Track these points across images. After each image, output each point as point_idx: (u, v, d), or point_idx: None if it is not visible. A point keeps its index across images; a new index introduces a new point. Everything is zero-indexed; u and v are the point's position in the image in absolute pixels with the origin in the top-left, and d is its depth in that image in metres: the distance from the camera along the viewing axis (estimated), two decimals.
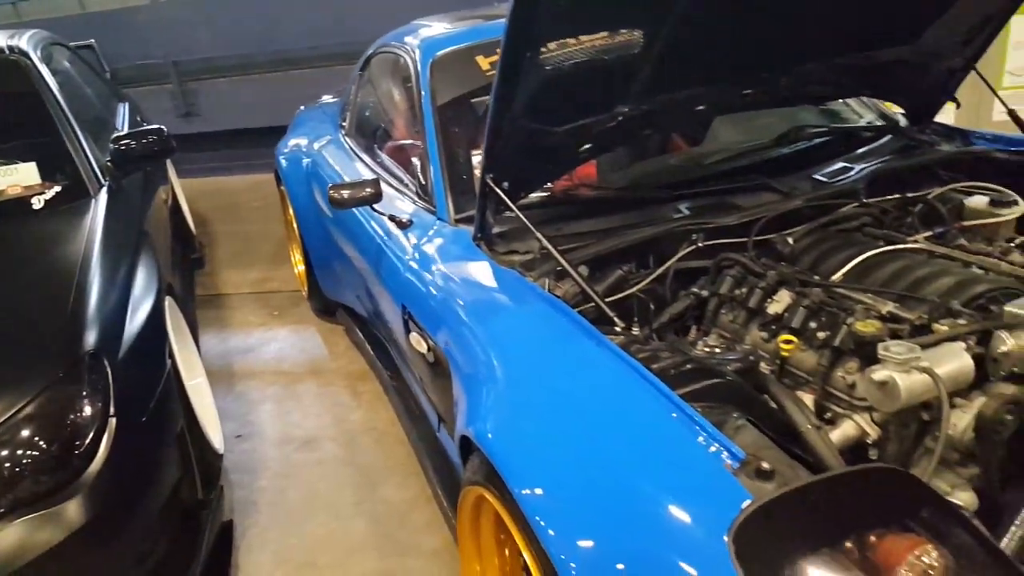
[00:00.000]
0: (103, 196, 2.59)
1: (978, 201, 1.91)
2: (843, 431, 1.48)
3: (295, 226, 3.41)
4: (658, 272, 1.84)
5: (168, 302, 2.48)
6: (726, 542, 1.04)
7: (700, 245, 1.87)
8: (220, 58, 5.91)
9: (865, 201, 1.95)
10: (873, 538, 1.05)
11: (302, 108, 4.03)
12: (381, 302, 2.33)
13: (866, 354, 1.43)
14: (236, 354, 3.42)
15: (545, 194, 2.01)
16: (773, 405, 1.47)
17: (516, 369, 1.50)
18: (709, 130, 2.46)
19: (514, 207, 1.74)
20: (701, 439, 1.19)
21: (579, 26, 1.56)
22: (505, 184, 1.76)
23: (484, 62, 2.33)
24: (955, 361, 1.36)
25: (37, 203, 2.53)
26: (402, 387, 2.58)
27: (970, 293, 1.50)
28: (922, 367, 1.31)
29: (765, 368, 1.63)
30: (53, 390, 1.78)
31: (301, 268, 3.58)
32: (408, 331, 1.99)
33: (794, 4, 1.79)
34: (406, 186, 2.35)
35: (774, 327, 1.65)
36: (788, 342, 1.55)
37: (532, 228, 1.72)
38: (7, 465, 1.68)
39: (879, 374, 1.35)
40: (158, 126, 2.92)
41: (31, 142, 2.74)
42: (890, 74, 2.13)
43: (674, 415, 1.24)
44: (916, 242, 1.78)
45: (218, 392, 3.07)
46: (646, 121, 1.91)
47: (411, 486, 2.42)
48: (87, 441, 1.77)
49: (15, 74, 2.91)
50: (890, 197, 1.98)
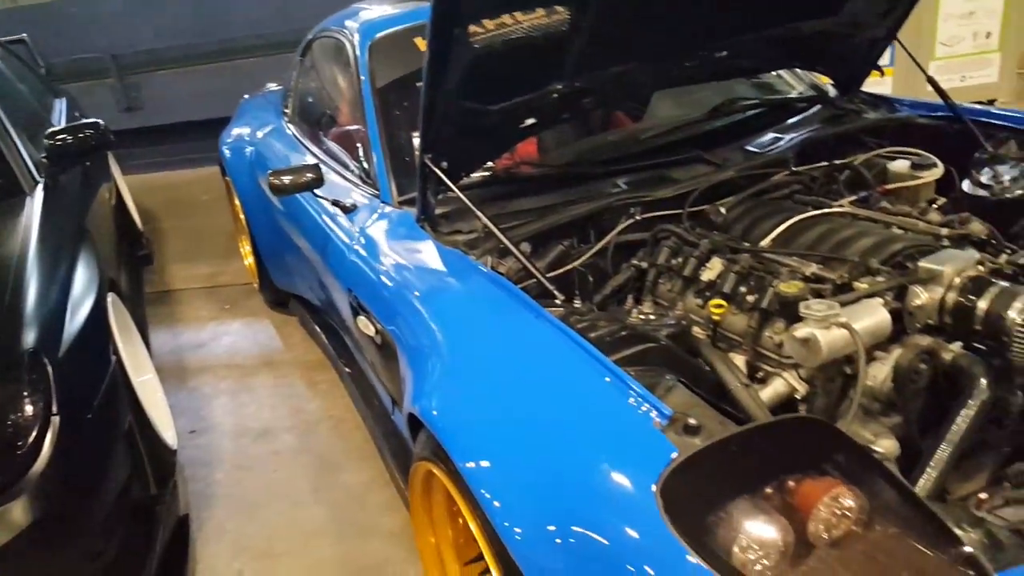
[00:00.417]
0: (39, 193, 2.54)
1: (900, 165, 1.99)
2: (774, 388, 1.55)
3: (242, 217, 3.38)
4: (599, 246, 1.89)
5: (111, 299, 2.45)
6: (654, 494, 1.09)
7: (638, 218, 1.92)
8: (162, 50, 5.79)
9: (794, 169, 2.02)
10: (792, 483, 1.10)
11: (246, 97, 3.98)
12: (330, 289, 2.34)
13: (791, 314, 1.49)
14: (188, 350, 3.38)
15: (487, 173, 2.04)
16: (705, 367, 1.53)
17: (458, 346, 1.53)
18: (649, 106, 2.51)
19: (454, 187, 1.76)
20: (632, 400, 1.24)
21: (504, 3, 1.58)
22: (444, 164, 1.78)
23: (423, 44, 2.33)
24: (873, 316, 1.43)
25: None
26: (357, 373, 2.59)
27: (888, 252, 1.57)
28: (840, 323, 1.38)
29: (700, 332, 1.69)
30: None
31: (251, 260, 3.55)
32: (356, 315, 2.00)
33: None
34: (350, 170, 2.35)
35: (708, 293, 1.71)
36: (719, 306, 1.61)
37: (472, 207, 1.75)
38: None
39: (801, 331, 1.41)
40: (94, 120, 2.87)
41: None
42: (816, 45, 2.20)
43: (607, 380, 1.29)
44: (841, 206, 1.85)
45: (170, 388, 3.04)
46: (582, 98, 1.94)
47: (369, 470, 2.44)
48: (30, 440, 1.75)
49: None
50: (818, 165, 2.05)
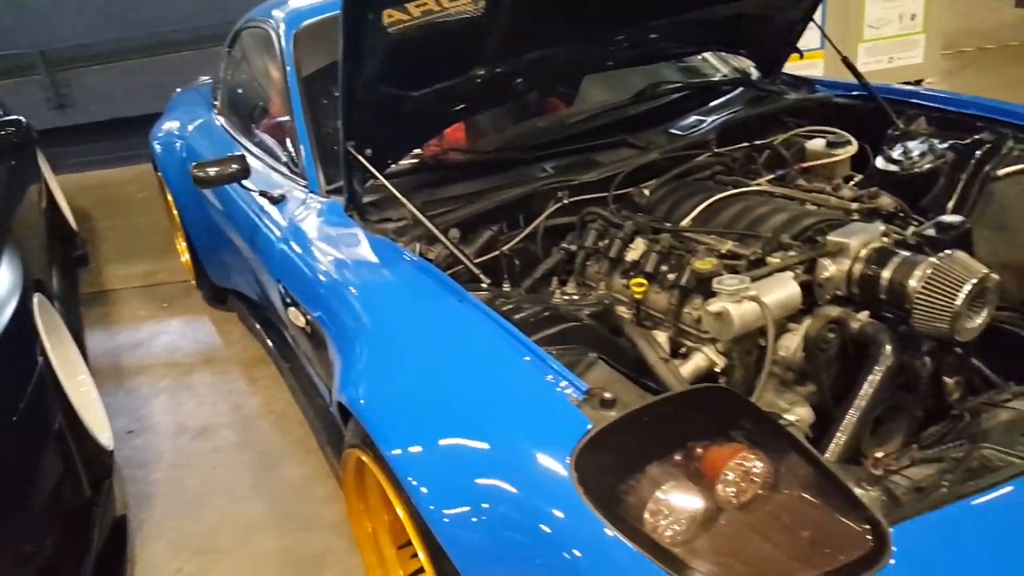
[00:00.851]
0: None
1: (817, 144, 2.05)
2: (695, 363, 1.60)
3: (176, 213, 3.32)
4: (527, 231, 1.91)
5: (38, 300, 2.39)
6: (569, 466, 1.12)
7: (566, 202, 1.94)
8: (92, 45, 5.61)
9: (716, 151, 2.07)
10: (699, 450, 1.14)
11: (178, 91, 3.91)
12: (263, 282, 2.32)
13: (707, 290, 1.54)
14: (125, 350, 3.31)
15: (415, 160, 2.04)
16: (628, 344, 1.57)
17: (383, 334, 1.53)
18: (580, 91, 2.54)
19: (378, 175, 1.76)
20: (550, 378, 1.26)
21: None
22: (368, 151, 1.78)
23: None
24: (783, 289, 1.48)
25: None
26: (297, 367, 2.57)
27: (799, 227, 1.63)
28: (751, 296, 1.42)
29: (626, 311, 1.73)
30: None
31: (187, 257, 3.49)
32: (287, 306, 1.99)
33: None
34: (280, 161, 2.33)
35: (632, 273, 1.74)
36: (640, 285, 1.64)
37: (398, 194, 1.75)
38: None
39: (714, 306, 1.45)
40: (16, 117, 2.79)
41: None
42: (735, 28, 2.25)
43: (527, 359, 1.31)
44: (759, 185, 1.90)
45: (108, 389, 2.98)
46: (508, 83, 1.95)
47: (310, 463, 2.43)
48: None
49: None
50: (739, 146, 2.10)
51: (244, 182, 2.14)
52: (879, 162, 1.98)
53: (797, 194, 1.85)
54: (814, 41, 4.68)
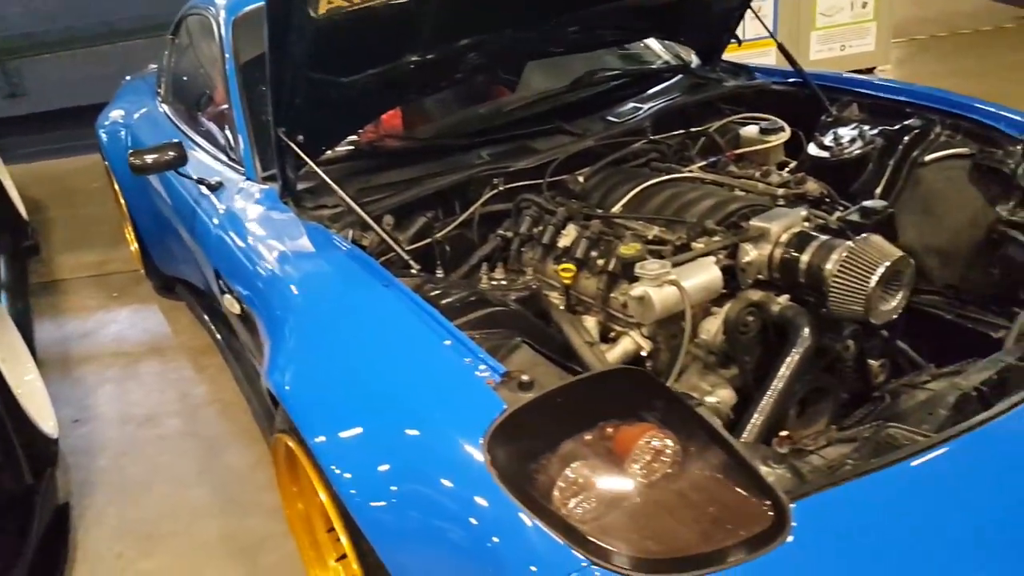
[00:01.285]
0: None
1: (750, 131, 2.08)
2: (623, 347, 1.62)
3: (123, 202, 3.27)
4: (463, 217, 1.92)
5: None
6: (481, 447, 1.13)
7: (501, 189, 1.95)
8: (42, 33, 5.47)
9: (652, 138, 2.09)
10: (610, 429, 1.16)
11: (127, 79, 3.85)
12: (203, 269, 2.30)
13: (632, 275, 1.56)
14: (73, 339, 3.27)
15: (351, 147, 2.04)
16: (555, 328, 1.59)
17: (310, 320, 1.54)
18: (522, 79, 2.54)
19: (309, 161, 1.75)
20: (468, 361, 1.27)
21: None
22: (300, 138, 1.77)
23: None
24: (704, 273, 1.51)
25: None
26: (242, 354, 2.56)
27: (724, 212, 1.66)
28: (671, 280, 1.45)
29: (558, 297, 1.75)
30: None
31: (136, 246, 3.44)
32: (223, 293, 1.98)
33: None
34: (219, 148, 2.31)
35: (564, 259, 1.76)
36: (567, 270, 1.66)
37: (328, 180, 1.75)
38: None
39: (636, 290, 1.48)
40: None
41: None
42: (675, 15, 2.26)
43: (447, 343, 1.32)
44: (691, 172, 1.93)
45: (55, 378, 2.95)
46: (444, 70, 1.95)
47: (254, 451, 2.42)
48: None
49: None
50: (675, 133, 2.13)
51: (181, 169, 2.12)
52: (811, 148, 2.02)
53: (727, 180, 1.87)
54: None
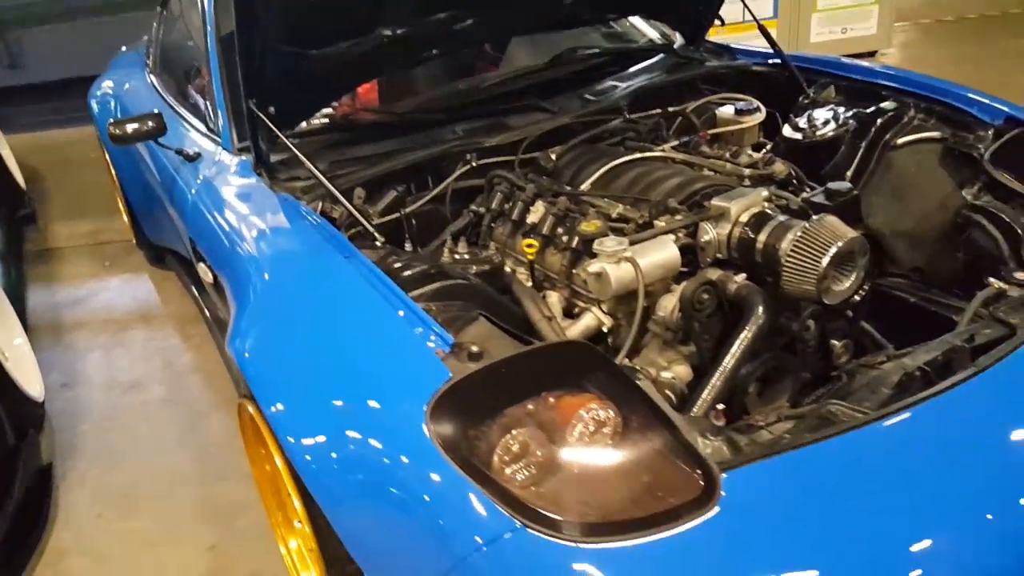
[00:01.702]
0: None
1: (726, 111, 2.08)
2: (585, 323, 1.64)
3: (113, 172, 3.30)
4: (435, 192, 1.93)
5: None
6: (424, 415, 1.16)
7: (474, 164, 1.97)
8: (42, 4, 5.50)
9: (628, 117, 2.09)
10: (552, 399, 1.19)
11: (123, 49, 3.86)
12: (183, 238, 2.32)
13: (592, 252, 1.57)
14: (65, 307, 3.32)
15: (326, 120, 2.05)
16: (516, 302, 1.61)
17: (271, 290, 1.56)
18: (506, 55, 2.54)
19: (278, 131, 1.77)
20: (419, 331, 1.30)
21: None
22: (271, 109, 1.79)
23: None
24: (661, 252, 1.52)
25: None
26: (225, 323, 2.60)
27: (687, 191, 1.66)
28: (627, 257, 1.46)
29: (523, 273, 1.77)
30: None
31: (127, 217, 3.48)
32: (197, 261, 2.01)
33: None
34: (201, 119, 2.32)
35: (532, 236, 1.78)
36: (531, 246, 1.68)
37: (297, 152, 1.76)
38: None
39: (594, 266, 1.50)
40: None
41: None
42: None
43: (401, 314, 1.34)
44: (663, 151, 1.94)
45: (45, 344, 3.01)
46: (416, 45, 1.96)
47: (234, 418, 2.45)
48: None
49: None
50: (652, 112, 2.13)
51: (162, 140, 2.13)
52: (785, 130, 2.02)
53: (696, 160, 1.88)
54: (767, 9, 4.72)
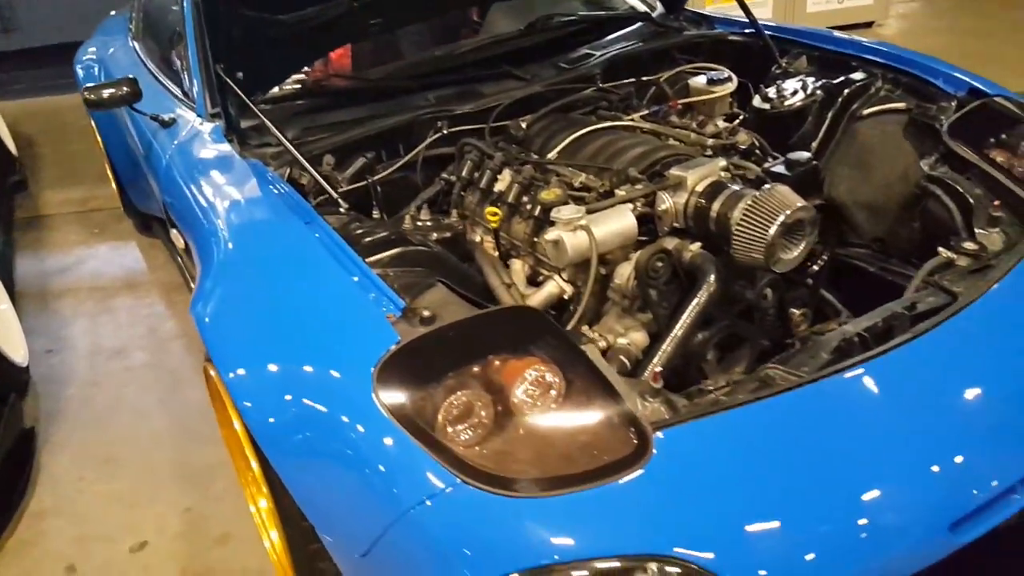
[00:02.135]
0: None
1: (698, 81, 2.08)
2: (547, 291, 1.66)
3: (99, 139, 3.32)
4: (405, 160, 1.95)
5: None
6: (372, 376, 1.19)
7: (445, 132, 1.98)
8: None
9: (600, 86, 2.10)
10: (498, 362, 1.22)
11: (112, 14, 3.85)
12: (160, 204, 2.35)
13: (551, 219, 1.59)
14: (53, 274, 3.36)
15: (299, 86, 2.06)
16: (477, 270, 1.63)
17: (232, 256, 1.58)
18: (486, 22, 2.53)
19: (246, 97, 1.78)
20: (372, 296, 1.33)
21: None
22: (239, 75, 1.80)
23: None
24: (618, 220, 1.54)
25: None
26: None
27: (649, 161, 1.67)
28: (582, 226, 1.48)
29: (491, 241, 1.79)
30: None
31: (115, 184, 3.50)
32: (171, 227, 2.04)
33: None
34: (178, 85, 2.33)
35: (499, 204, 1.79)
36: (494, 214, 1.70)
37: (263, 117, 1.78)
38: None
39: (551, 234, 1.52)
40: None
41: None
42: None
43: (355, 279, 1.37)
44: (632, 120, 1.94)
45: (31, 310, 3.05)
46: (387, 11, 1.96)
47: None
48: None
49: None
50: (625, 81, 2.13)
51: (138, 106, 2.15)
52: (755, 100, 2.02)
53: (663, 130, 1.89)
54: None
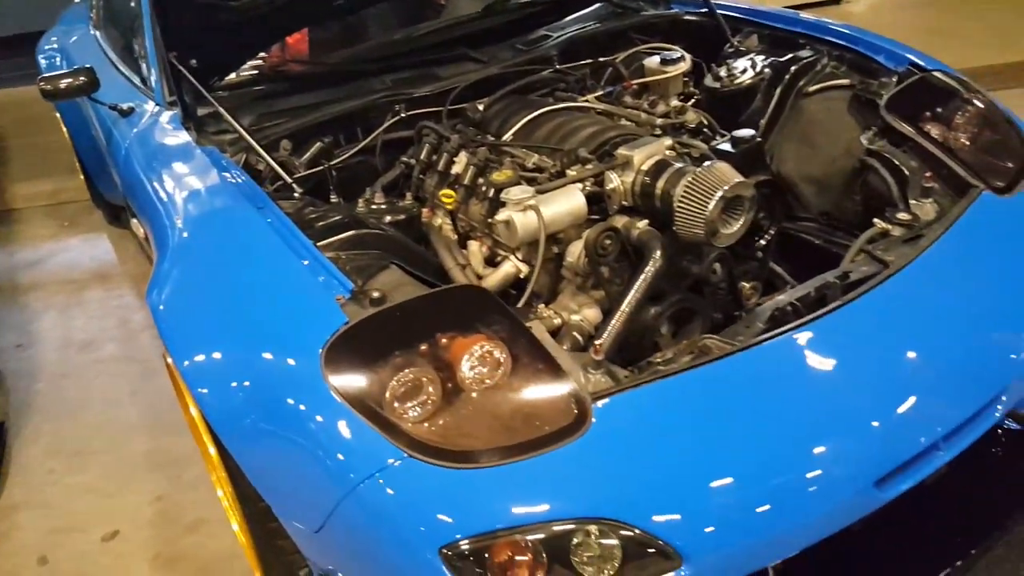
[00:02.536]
0: None
1: (652, 61, 2.11)
2: (504, 271, 1.69)
3: (64, 130, 3.30)
4: (363, 144, 1.96)
5: None
6: (320, 356, 1.22)
7: (403, 115, 2.00)
8: None
9: (557, 67, 2.12)
10: (445, 340, 1.25)
11: (75, 1, 3.82)
12: (121, 193, 2.35)
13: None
14: (22, 268, 3.36)
15: (256, 72, 2.07)
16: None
17: (186, 243, 1.59)
18: (448, 5, 2.55)
19: (199, 85, 1.79)
20: (322, 279, 1.35)
21: None
22: (192, 62, 1.80)
23: None
24: (567, 200, 1.57)
25: None
26: None
27: (599, 141, 1.70)
28: (531, 205, 1.51)
29: (447, 222, 1.81)
30: None
31: (83, 176, 3.49)
32: (131, 217, 2.05)
33: None
34: (137, 74, 2.33)
35: (456, 186, 1.82)
36: (448, 196, 1.72)
37: (215, 103, 1.79)
38: None
39: (502, 214, 1.55)
40: None
41: None
42: None
43: (306, 263, 1.39)
44: (587, 101, 1.97)
45: (1, 305, 3.05)
46: None
47: None
48: None
49: None
50: (582, 62, 2.15)
51: (97, 95, 2.15)
52: (707, 79, 2.05)
53: (615, 110, 1.92)
54: None
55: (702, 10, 2.32)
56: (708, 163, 1.50)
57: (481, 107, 1.98)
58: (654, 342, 1.63)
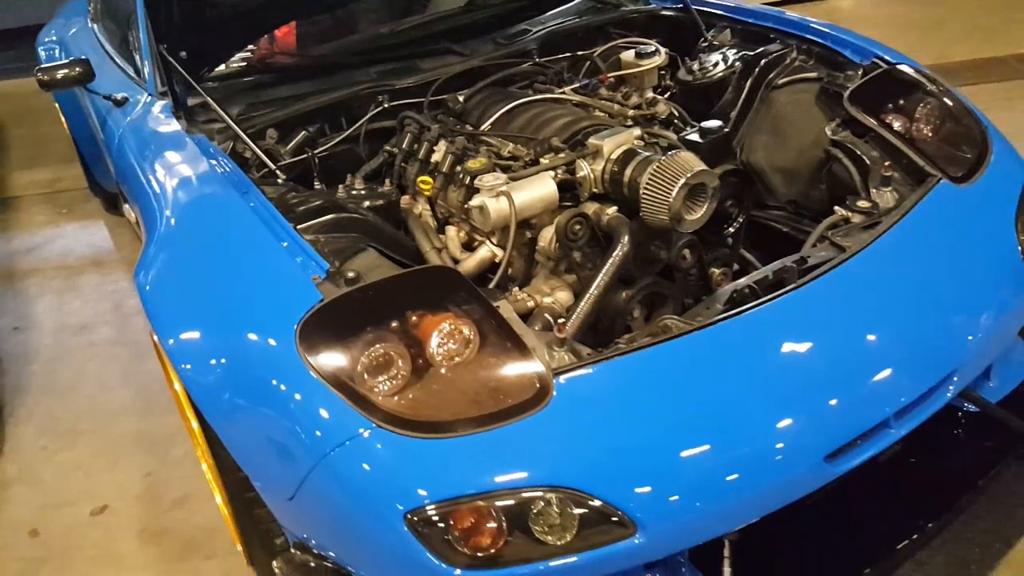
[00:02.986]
0: None
1: (628, 55, 2.17)
2: (479, 255, 1.76)
3: (63, 119, 3.36)
4: (347, 133, 2.03)
5: None
6: (295, 333, 1.29)
7: (386, 106, 2.06)
8: None
9: (536, 61, 2.18)
10: (415, 317, 1.31)
11: None
12: (115, 181, 2.41)
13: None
14: (20, 254, 3.42)
15: (244, 64, 2.13)
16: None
17: (173, 227, 1.65)
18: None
19: (188, 76, 1.85)
20: (299, 260, 1.41)
21: None
22: (182, 54, 1.86)
23: None
24: (539, 187, 1.63)
25: None
26: None
27: (571, 131, 1.77)
28: (503, 192, 1.58)
29: (426, 209, 1.88)
30: None
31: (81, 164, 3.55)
32: (123, 204, 2.11)
33: None
34: (131, 64, 2.39)
35: (435, 174, 1.88)
36: (425, 182, 1.79)
37: (203, 93, 1.85)
38: None
39: (475, 200, 1.61)
40: None
41: None
42: None
43: (285, 244, 1.46)
44: (563, 93, 2.03)
45: None
46: None
47: None
48: None
49: None
50: (560, 56, 2.21)
51: (92, 86, 2.21)
52: (681, 72, 2.11)
53: (590, 102, 1.98)
54: None
55: (678, 6, 2.38)
56: (672, 152, 1.56)
57: (461, 98, 2.04)
58: (626, 325, 1.70)
